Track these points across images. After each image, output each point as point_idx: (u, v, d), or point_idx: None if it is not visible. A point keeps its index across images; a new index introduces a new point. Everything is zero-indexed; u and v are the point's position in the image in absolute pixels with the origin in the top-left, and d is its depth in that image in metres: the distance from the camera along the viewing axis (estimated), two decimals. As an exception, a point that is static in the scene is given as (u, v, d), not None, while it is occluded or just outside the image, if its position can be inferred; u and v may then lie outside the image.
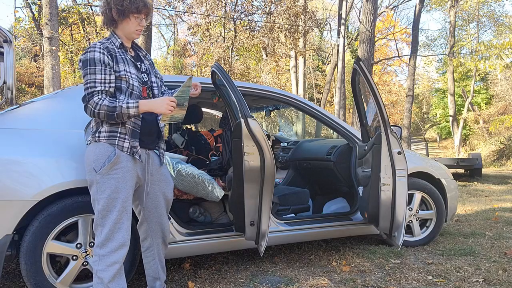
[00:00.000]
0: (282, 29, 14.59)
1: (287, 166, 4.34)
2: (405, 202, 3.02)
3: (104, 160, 1.96)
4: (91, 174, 2.00)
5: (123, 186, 1.99)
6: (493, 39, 21.48)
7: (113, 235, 1.99)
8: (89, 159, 2.00)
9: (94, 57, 1.96)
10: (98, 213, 1.99)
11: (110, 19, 2.06)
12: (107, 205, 1.97)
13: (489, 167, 17.10)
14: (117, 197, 1.98)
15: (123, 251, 2.02)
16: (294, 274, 2.87)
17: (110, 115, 1.93)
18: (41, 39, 12.20)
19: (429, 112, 32.49)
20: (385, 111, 3.00)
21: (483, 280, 2.72)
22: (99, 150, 1.98)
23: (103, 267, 1.98)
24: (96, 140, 2.00)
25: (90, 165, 1.99)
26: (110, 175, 1.97)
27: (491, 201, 6.70)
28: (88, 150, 2.02)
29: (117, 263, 2.00)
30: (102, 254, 1.98)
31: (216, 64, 2.68)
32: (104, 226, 1.98)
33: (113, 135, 2.00)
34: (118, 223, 1.99)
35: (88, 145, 2.04)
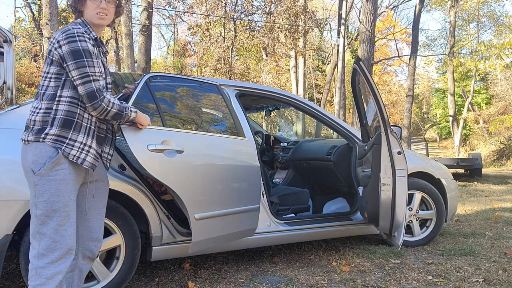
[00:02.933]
0: (282, 29, 14.58)
1: (287, 166, 4.34)
2: (405, 202, 3.02)
3: (43, 160, 1.75)
4: (28, 176, 1.78)
5: (66, 190, 1.78)
6: (493, 39, 21.51)
7: (55, 244, 1.76)
8: (28, 159, 1.77)
9: (88, 48, 1.79)
10: (37, 219, 1.76)
11: (74, 9, 1.90)
12: (48, 210, 1.75)
13: (489, 167, 17.10)
14: (59, 201, 1.76)
15: (67, 261, 1.79)
16: (294, 274, 2.87)
17: (119, 114, 1.85)
18: (41, 39, 12.20)
19: (429, 112, 32.50)
20: (385, 111, 3.00)
21: (483, 280, 2.72)
22: (39, 150, 1.76)
23: (42, 281, 1.73)
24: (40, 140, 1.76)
25: (28, 166, 1.76)
26: (50, 177, 1.75)
27: (491, 201, 6.70)
28: (26, 149, 1.79)
29: (60, 273, 1.77)
30: (40, 266, 1.74)
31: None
32: (44, 234, 1.75)
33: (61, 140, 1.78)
34: (60, 229, 1.77)
35: (28, 144, 1.79)
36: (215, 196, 2.46)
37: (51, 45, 1.81)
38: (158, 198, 2.58)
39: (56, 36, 1.81)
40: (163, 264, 3.11)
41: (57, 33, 1.83)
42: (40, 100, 1.83)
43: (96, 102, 1.77)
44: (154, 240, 2.56)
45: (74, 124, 1.80)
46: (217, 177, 2.47)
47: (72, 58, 1.75)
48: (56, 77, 1.81)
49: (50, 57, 1.82)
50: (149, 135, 2.19)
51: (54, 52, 1.79)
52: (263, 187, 2.94)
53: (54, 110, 1.79)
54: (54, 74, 1.82)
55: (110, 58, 23.36)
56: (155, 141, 2.21)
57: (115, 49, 19.09)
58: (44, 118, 1.79)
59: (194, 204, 2.32)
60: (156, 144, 2.20)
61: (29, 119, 1.83)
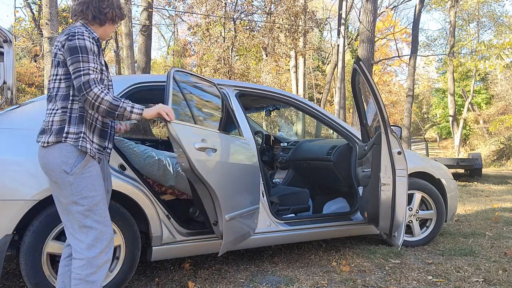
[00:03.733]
0: (282, 29, 14.59)
1: (287, 166, 4.34)
2: (405, 202, 3.02)
3: (73, 160, 1.83)
4: (60, 177, 1.83)
5: (98, 183, 1.90)
6: (493, 39, 21.50)
7: (102, 234, 1.89)
8: (56, 161, 1.83)
9: (85, 45, 1.84)
10: (80, 215, 1.86)
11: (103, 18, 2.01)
12: (90, 204, 1.86)
13: (489, 167, 17.10)
14: (96, 194, 1.89)
15: (111, 249, 1.93)
16: (294, 274, 2.87)
17: (110, 112, 1.84)
18: (41, 39, 12.20)
19: (429, 112, 32.50)
20: (385, 111, 3.00)
21: (483, 280, 2.72)
22: (66, 151, 1.83)
23: (93, 269, 1.86)
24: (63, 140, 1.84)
25: (59, 168, 1.82)
26: (85, 174, 1.86)
27: (491, 201, 6.70)
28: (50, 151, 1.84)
29: (108, 261, 1.91)
30: (92, 256, 1.86)
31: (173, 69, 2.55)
32: (90, 227, 1.87)
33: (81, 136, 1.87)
34: (104, 220, 1.90)
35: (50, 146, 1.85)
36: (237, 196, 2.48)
37: (56, 48, 1.89)
38: (158, 198, 2.58)
39: (59, 39, 1.90)
40: (163, 264, 3.11)
41: (61, 36, 1.92)
42: (54, 101, 1.90)
43: (83, 94, 1.81)
44: (154, 240, 2.56)
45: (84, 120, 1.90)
46: (239, 177, 2.50)
47: (69, 54, 1.83)
48: (65, 78, 1.89)
49: (57, 59, 1.89)
50: (191, 133, 2.17)
51: (59, 53, 1.87)
52: (263, 187, 2.95)
53: (70, 109, 1.88)
54: (63, 76, 1.89)
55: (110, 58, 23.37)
56: (197, 139, 2.21)
57: (115, 49, 19.09)
58: (62, 117, 1.87)
59: (226, 204, 2.34)
60: (199, 143, 2.20)
61: (47, 121, 1.89)
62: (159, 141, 4.28)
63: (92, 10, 1.97)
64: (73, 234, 1.89)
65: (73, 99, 1.89)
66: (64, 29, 1.95)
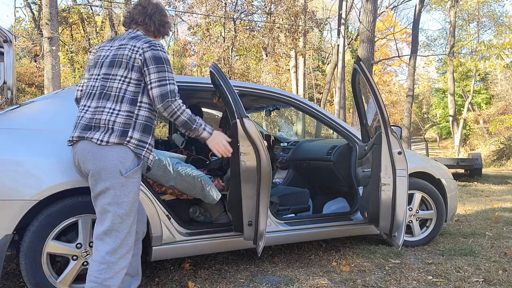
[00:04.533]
0: (282, 29, 14.59)
1: (287, 166, 4.34)
2: (405, 202, 3.02)
3: (130, 163, 1.89)
4: (113, 176, 1.86)
5: (139, 191, 1.99)
6: (493, 39, 21.50)
7: (125, 241, 1.92)
8: (113, 160, 1.86)
9: (167, 58, 2.00)
10: (118, 218, 1.89)
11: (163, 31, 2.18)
12: (129, 209, 1.91)
13: (489, 167, 17.10)
14: (136, 201, 1.96)
15: (130, 255, 1.97)
16: (294, 274, 2.87)
17: (187, 124, 1.97)
18: (41, 39, 12.20)
19: (429, 112, 32.50)
20: (385, 111, 2.99)
21: (483, 280, 2.72)
22: (124, 153, 1.88)
23: (111, 274, 1.88)
24: (125, 144, 1.88)
25: (115, 167, 1.86)
26: (134, 179, 1.92)
27: (491, 201, 6.70)
28: (108, 150, 1.86)
29: (124, 268, 1.94)
30: (112, 261, 1.88)
31: (213, 65, 2.68)
32: (120, 232, 1.90)
33: (142, 145, 1.94)
34: (132, 227, 1.95)
35: (109, 146, 1.87)
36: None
37: (133, 52, 1.95)
38: (158, 198, 2.58)
39: (138, 44, 1.96)
40: (163, 264, 3.11)
41: (136, 41, 1.98)
42: (114, 101, 1.92)
43: (167, 101, 1.91)
44: (154, 240, 2.56)
45: (151, 130, 1.99)
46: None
47: (155, 63, 1.93)
48: (136, 83, 1.95)
49: (131, 63, 1.94)
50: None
51: (138, 58, 1.94)
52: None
53: (136, 115, 1.93)
54: (134, 80, 1.94)
55: (110, 58, 23.28)
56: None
57: (115, 49, 19.03)
58: (127, 121, 1.91)
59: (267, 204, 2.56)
60: None
61: (105, 119, 1.90)
62: (159, 141, 4.29)
63: (154, 22, 2.10)
64: (102, 235, 1.91)
65: (140, 106, 1.95)
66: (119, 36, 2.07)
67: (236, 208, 2.55)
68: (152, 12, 2.09)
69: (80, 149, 1.92)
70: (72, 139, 1.97)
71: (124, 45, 1.99)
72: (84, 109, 1.98)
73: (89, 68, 2.12)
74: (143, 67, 1.94)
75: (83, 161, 1.92)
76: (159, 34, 2.15)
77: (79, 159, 1.95)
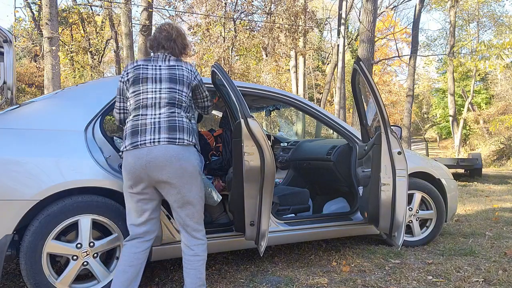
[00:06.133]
0: (282, 29, 14.58)
1: (287, 166, 4.34)
2: (405, 202, 3.02)
3: (201, 162, 2.27)
4: (197, 174, 2.15)
5: None
6: (493, 39, 21.49)
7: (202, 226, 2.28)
8: (195, 161, 2.16)
9: None
10: (201, 207, 2.22)
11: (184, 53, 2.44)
12: (203, 199, 2.25)
13: (489, 167, 17.11)
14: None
15: None
16: (294, 274, 2.87)
17: None
18: (41, 39, 12.20)
19: (429, 112, 32.52)
20: (385, 111, 2.99)
21: (483, 280, 2.73)
22: (198, 155, 2.23)
23: (204, 250, 2.23)
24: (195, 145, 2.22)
25: (197, 166, 2.17)
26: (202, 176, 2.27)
27: (491, 201, 6.70)
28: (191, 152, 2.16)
29: None
30: (206, 241, 2.26)
31: (216, 64, 2.68)
32: (202, 218, 2.25)
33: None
34: None
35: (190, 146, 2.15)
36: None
37: (191, 74, 2.34)
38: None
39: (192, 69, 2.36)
40: (163, 264, 3.11)
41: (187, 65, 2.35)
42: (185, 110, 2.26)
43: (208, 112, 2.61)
44: (154, 240, 2.55)
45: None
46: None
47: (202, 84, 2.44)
48: (190, 97, 2.32)
49: (188, 81, 2.30)
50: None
51: (194, 81, 2.34)
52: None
53: (192, 122, 2.29)
54: (189, 95, 2.30)
55: (110, 58, 23.35)
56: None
57: (115, 49, 19.08)
58: (194, 124, 2.30)
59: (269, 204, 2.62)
60: None
61: (187, 122, 2.22)
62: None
63: (178, 46, 2.35)
64: (194, 224, 2.21)
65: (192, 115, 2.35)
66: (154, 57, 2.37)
67: (238, 208, 2.55)
68: (176, 37, 2.35)
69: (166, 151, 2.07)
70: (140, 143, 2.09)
71: (178, 67, 2.30)
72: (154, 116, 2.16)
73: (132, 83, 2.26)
74: (199, 87, 2.40)
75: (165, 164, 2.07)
76: (181, 55, 2.40)
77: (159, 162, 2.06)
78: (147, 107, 2.16)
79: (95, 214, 2.36)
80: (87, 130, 2.45)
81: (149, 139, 2.07)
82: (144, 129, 2.10)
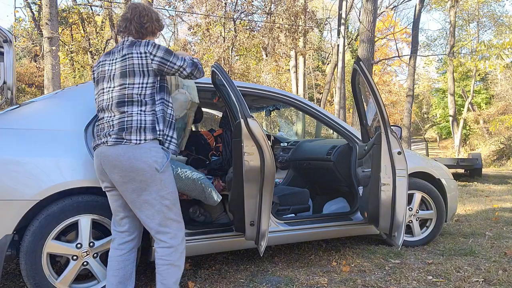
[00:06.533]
0: (282, 29, 14.58)
1: (287, 166, 4.34)
2: (405, 202, 3.02)
3: (161, 159, 2.04)
4: (152, 174, 2.00)
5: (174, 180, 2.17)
6: (493, 39, 21.48)
7: (180, 225, 2.14)
8: (148, 160, 1.99)
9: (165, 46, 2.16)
10: (166, 208, 2.07)
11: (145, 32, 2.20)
12: (174, 198, 2.11)
13: (489, 167, 17.10)
14: (176, 190, 2.14)
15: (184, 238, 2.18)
16: (294, 274, 2.87)
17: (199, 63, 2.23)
18: (41, 39, 12.20)
19: (429, 112, 32.51)
20: (385, 111, 2.99)
21: (483, 280, 2.72)
22: (155, 151, 2.02)
23: (178, 255, 2.10)
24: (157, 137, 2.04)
25: (151, 166, 1.99)
26: (168, 171, 2.09)
27: (491, 201, 6.70)
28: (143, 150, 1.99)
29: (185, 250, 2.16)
30: (177, 244, 2.10)
31: (216, 64, 2.68)
32: (173, 219, 2.10)
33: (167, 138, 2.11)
34: (180, 213, 2.16)
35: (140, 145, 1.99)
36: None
37: (143, 59, 2.06)
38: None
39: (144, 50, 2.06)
40: (163, 264, 3.11)
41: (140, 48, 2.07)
42: (139, 105, 2.06)
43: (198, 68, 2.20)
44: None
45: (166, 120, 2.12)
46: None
47: (170, 53, 2.10)
48: (151, 85, 2.09)
49: (144, 69, 2.06)
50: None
51: (152, 63, 2.06)
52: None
53: (156, 111, 2.09)
54: (150, 84, 2.08)
55: (110, 58, 23.21)
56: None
57: (115, 49, 19.00)
58: (153, 118, 2.07)
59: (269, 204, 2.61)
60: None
61: (138, 119, 2.03)
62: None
63: (134, 26, 2.15)
64: (156, 226, 2.08)
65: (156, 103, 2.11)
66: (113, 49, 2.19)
67: (238, 208, 2.55)
68: (132, 17, 2.16)
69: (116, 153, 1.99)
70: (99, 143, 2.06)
71: (128, 56, 2.06)
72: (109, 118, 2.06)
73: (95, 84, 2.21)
74: (164, 64, 2.08)
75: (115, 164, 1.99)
76: (143, 36, 2.19)
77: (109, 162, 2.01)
78: (104, 110, 2.10)
79: (95, 214, 2.36)
80: (87, 130, 2.45)
81: (104, 140, 2.04)
82: (102, 133, 2.07)
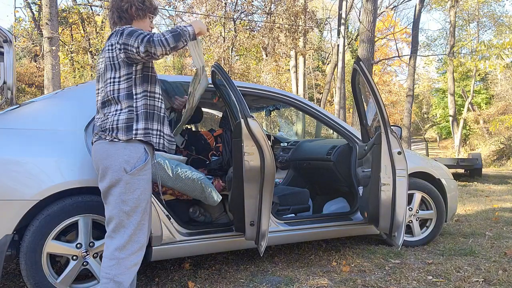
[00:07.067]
0: (282, 29, 14.58)
1: (287, 166, 4.34)
2: (405, 202, 3.02)
3: (135, 161, 1.91)
4: (118, 174, 1.89)
5: (149, 187, 1.98)
6: (493, 39, 21.47)
7: (135, 237, 1.93)
8: (118, 158, 1.89)
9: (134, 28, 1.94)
10: (124, 214, 1.91)
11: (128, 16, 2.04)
12: (135, 206, 1.92)
13: (489, 167, 17.10)
14: (144, 198, 1.95)
15: (142, 253, 1.97)
16: (294, 274, 2.87)
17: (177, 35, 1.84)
18: (41, 39, 12.19)
19: (429, 112, 32.51)
20: (385, 111, 2.99)
21: (483, 280, 2.72)
22: (129, 151, 1.90)
23: (122, 270, 1.90)
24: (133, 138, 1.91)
25: (119, 165, 1.89)
26: (142, 176, 1.93)
27: (491, 201, 6.70)
28: (116, 148, 1.90)
29: (137, 265, 1.96)
30: (122, 257, 1.90)
31: (216, 64, 2.68)
32: (127, 228, 1.92)
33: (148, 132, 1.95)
34: (140, 224, 1.94)
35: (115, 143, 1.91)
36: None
37: (111, 51, 1.92)
38: (158, 198, 2.58)
39: (112, 42, 1.92)
40: (163, 264, 3.11)
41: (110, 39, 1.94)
42: (115, 103, 1.95)
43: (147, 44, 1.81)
44: (154, 240, 2.56)
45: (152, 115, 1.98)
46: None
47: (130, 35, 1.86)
48: (126, 78, 1.94)
49: (115, 62, 1.92)
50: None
51: (120, 53, 1.90)
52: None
53: (135, 107, 1.94)
54: (123, 76, 1.93)
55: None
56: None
57: (115, 49, 18.99)
58: (129, 115, 1.93)
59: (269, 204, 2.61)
60: None
61: (112, 120, 1.93)
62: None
63: (115, 12, 2.03)
64: (110, 232, 1.94)
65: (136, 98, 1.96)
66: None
67: (238, 208, 2.55)
68: (113, 4, 2.06)
69: (94, 150, 1.99)
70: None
71: (104, 51, 1.97)
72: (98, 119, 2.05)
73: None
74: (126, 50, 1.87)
75: (96, 161, 1.99)
76: (129, 21, 2.05)
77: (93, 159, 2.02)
78: (97, 111, 2.08)
79: (95, 214, 2.36)
80: (87, 130, 2.45)
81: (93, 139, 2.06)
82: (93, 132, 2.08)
